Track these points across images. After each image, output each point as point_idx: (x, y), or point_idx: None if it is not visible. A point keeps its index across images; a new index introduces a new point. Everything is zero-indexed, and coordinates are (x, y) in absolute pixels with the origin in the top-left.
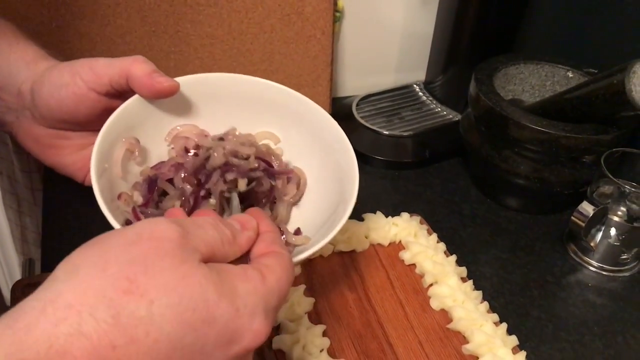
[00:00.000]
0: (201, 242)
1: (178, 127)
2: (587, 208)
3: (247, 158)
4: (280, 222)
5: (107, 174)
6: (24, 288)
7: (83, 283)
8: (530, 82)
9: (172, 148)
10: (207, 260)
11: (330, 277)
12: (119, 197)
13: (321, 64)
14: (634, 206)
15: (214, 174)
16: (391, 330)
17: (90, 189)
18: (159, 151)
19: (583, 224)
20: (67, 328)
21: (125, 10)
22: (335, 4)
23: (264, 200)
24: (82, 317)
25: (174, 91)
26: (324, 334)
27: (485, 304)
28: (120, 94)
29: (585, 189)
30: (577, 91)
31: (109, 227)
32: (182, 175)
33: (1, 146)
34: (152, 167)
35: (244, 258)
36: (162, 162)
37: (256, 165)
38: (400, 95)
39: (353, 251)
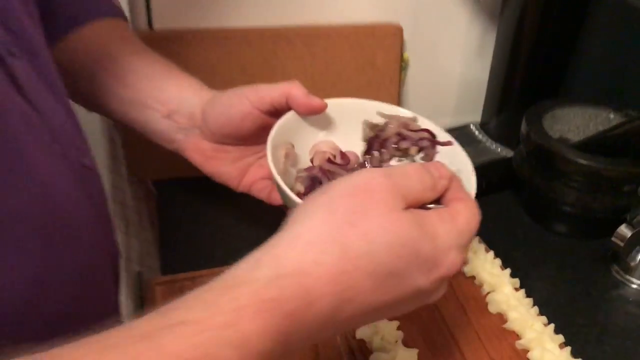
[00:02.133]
0: (407, 192)
1: (321, 145)
2: (625, 230)
3: (416, 130)
4: None
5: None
6: (161, 285)
7: (317, 226)
8: (576, 123)
9: (314, 156)
10: (410, 205)
11: None
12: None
13: None
14: None
15: (388, 142)
16: (455, 328)
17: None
18: (305, 156)
19: (622, 244)
20: (310, 258)
21: (229, 65)
22: (402, 55)
23: None
24: (320, 251)
25: (323, 109)
26: (398, 327)
27: (536, 308)
28: (277, 112)
29: (626, 215)
30: (617, 130)
31: (215, 240)
32: (343, 173)
33: (118, 177)
34: (304, 169)
35: (438, 201)
36: (312, 166)
37: (425, 135)
38: (458, 134)
39: None
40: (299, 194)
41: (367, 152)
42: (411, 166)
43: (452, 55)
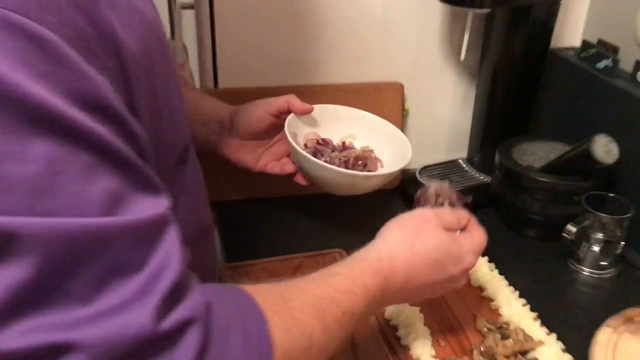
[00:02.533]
0: (445, 222)
1: (310, 135)
2: (571, 227)
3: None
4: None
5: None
6: (226, 270)
7: (396, 235)
8: (539, 154)
9: (307, 142)
10: (446, 230)
11: None
12: None
13: None
14: (608, 228)
15: (430, 198)
16: (446, 296)
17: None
18: (301, 140)
19: (569, 237)
20: (394, 251)
21: None
22: (403, 106)
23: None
24: (399, 247)
25: (311, 110)
26: None
27: (506, 281)
28: (280, 115)
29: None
30: (565, 156)
31: (263, 241)
32: (328, 150)
33: None
34: (306, 149)
35: (462, 230)
36: (309, 147)
37: (454, 194)
38: (449, 167)
39: None
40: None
41: (415, 205)
42: (447, 210)
43: (443, 106)
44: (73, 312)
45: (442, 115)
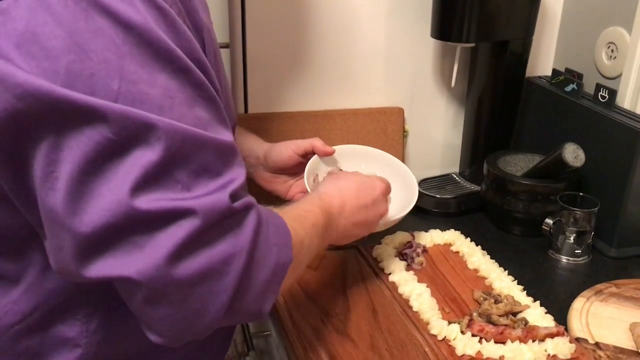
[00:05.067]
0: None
1: (332, 171)
2: (549, 220)
3: None
4: None
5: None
6: None
7: (334, 183)
8: (520, 165)
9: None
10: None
11: None
12: None
13: None
14: (580, 222)
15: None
16: (448, 276)
17: None
18: (322, 178)
19: (547, 228)
20: (329, 187)
21: (295, 134)
22: (404, 127)
23: None
24: (327, 187)
25: (332, 153)
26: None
27: (497, 264)
28: (306, 154)
29: None
30: (542, 163)
31: None
32: None
33: None
34: None
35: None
36: None
37: None
38: (444, 179)
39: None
40: None
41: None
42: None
43: (437, 127)
44: (182, 193)
45: (436, 135)
